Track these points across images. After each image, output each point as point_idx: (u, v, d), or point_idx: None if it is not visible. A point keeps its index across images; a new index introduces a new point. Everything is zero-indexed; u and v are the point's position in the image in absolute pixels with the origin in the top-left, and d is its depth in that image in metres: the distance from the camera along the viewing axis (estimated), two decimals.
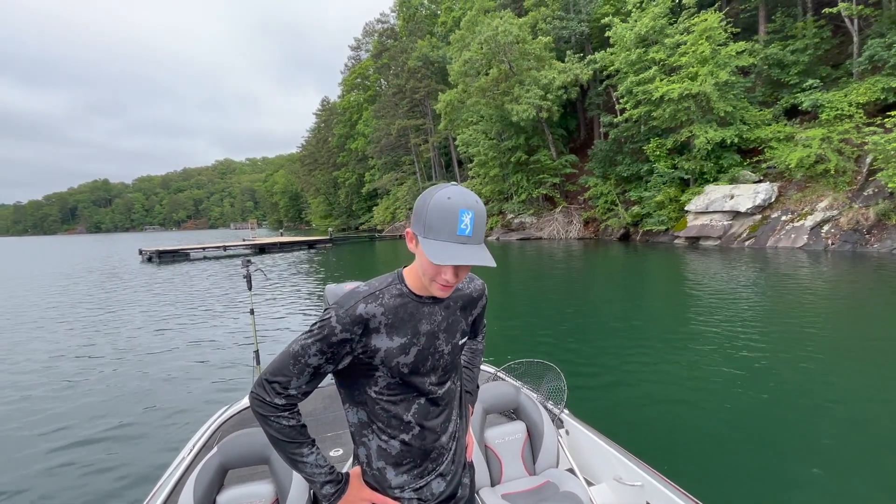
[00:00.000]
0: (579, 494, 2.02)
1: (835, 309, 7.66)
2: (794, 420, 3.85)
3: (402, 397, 1.09)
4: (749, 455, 3.33)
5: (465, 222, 0.96)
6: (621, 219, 22.91)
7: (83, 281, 17.17)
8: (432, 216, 0.97)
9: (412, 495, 1.11)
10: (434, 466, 1.14)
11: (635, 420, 4.04)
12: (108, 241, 68.91)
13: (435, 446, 1.14)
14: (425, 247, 0.96)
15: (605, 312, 8.44)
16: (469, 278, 1.25)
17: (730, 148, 19.20)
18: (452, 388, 1.19)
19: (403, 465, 1.11)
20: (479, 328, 1.44)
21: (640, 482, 2.11)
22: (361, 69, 56.07)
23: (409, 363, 1.07)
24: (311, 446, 1.08)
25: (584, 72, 24.43)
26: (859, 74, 17.45)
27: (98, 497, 3.28)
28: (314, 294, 12.05)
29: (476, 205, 0.98)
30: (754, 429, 3.73)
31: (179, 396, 5.17)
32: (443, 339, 1.13)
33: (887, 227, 14.27)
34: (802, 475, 3.06)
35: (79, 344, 7.75)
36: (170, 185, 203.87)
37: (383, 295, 1.07)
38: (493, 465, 2.27)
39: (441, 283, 1.02)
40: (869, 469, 3.11)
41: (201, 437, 2.71)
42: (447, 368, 1.15)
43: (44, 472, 3.64)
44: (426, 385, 1.10)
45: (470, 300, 1.23)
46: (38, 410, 4.92)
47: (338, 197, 61.32)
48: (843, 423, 3.75)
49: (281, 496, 1.91)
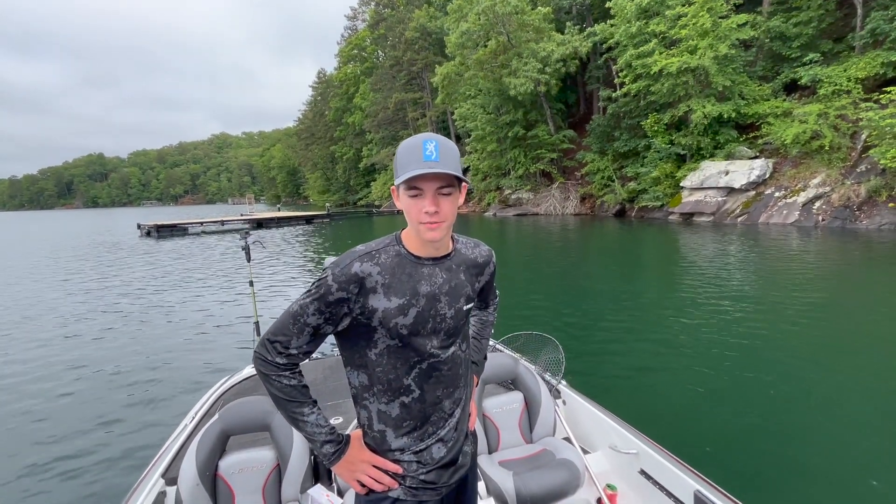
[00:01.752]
0: (575, 461, 2.07)
1: (821, 284, 7.88)
2: (782, 389, 4.00)
3: (402, 360, 1.08)
4: (737, 422, 3.51)
5: (430, 149, 0.98)
6: (617, 195, 22.98)
7: (86, 255, 17.39)
8: (400, 156, 1.01)
9: (412, 458, 1.12)
10: (434, 430, 1.13)
11: (630, 390, 4.18)
12: (106, 216, 68.79)
13: (435, 410, 1.13)
14: (399, 179, 0.99)
15: (600, 287, 8.68)
16: (474, 243, 1.25)
17: (727, 123, 19.13)
18: (458, 354, 1.17)
19: (403, 427, 1.11)
20: (488, 297, 1.42)
21: (635, 450, 2.15)
22: (358, 40, 54.68)
23: (408, 325, 1.06)
24: (312, 406, 1.09)
25: (584, 44, 24.00)
26: (861, 48, 17.21)
27: (101, 463, 3.40)
28: (313, 266, 12.30)
29: (441, 138, 1.01)
30: (743, 398, 3.89)
31: (181, 367, 5.29)
32: (445, 303, 1.11)
33: (877, 204, 14.43)
34: (790, 441, 3.21)
35: (81, 314, 8.00)
36: (166, 160, 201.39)
37: (380, 255, 1.07)
38: (490, 433, 2.32)
39: (425, 218, 1.01)
40: (852, 431, 3.33)
41: (203, 405, 2.73)
42: (450, 333, 1.14)
43: (49, 440, 3.76)
44: (427, 348, 1.09)
45: (475, 265, 1.22)
46: (45, 381, 5.11)
47: (335, 172, 60.84)
48: (828, 391, 3.95)
49: (282, 461, 1.97)
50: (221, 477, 1.91)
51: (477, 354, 1.45)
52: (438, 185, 1.00)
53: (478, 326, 1.46)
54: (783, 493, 2.69)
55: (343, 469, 1.10)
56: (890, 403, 3.68)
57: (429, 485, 1.13)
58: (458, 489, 1.25)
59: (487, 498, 1.99)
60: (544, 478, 1.98)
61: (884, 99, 14.39)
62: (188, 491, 1.82)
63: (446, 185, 1.01)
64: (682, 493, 1.88)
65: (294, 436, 1.99)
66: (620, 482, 2.18)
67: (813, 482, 2.78)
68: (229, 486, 1.90)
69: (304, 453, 1.99)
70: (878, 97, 14.65)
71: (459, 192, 1.07)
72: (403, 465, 1.11)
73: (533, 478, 1.98)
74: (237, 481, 1.92)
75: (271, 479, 1.96)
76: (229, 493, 1.90)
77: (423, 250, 1.10)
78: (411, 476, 1.12)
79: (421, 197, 1.01)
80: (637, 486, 2.12)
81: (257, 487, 1.93)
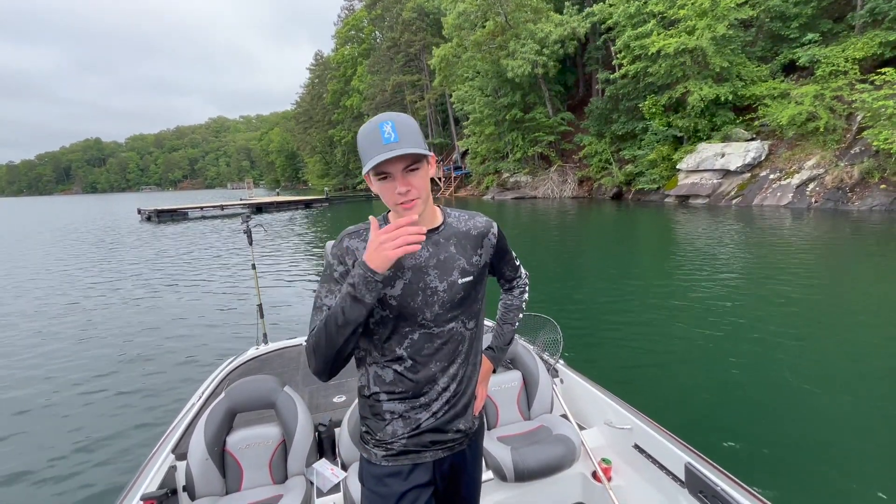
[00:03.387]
0: (571, 437, 2.14)
1: (810, 264, 8.07)
2: (772, 367, 4.15)
3: (394, 330, 1.12)
4: (727, 398, 3.68)
5: (387, 131, 1.00)
6: (615, 178, 23.06)
7: (89, 240, 17.64)
8: (361, 144, 1.03)
9: (399, 424, 1.15)
10: (427, 402, 1.15)
11: (626, 368, 4.32)
12: (106, 201, 68.75)
13: (428, 382, 1.14)
14: (365, 168, 1.01)
15: (596, 270, 8.92)
16: (469, 216, 1.25)
17: (725, 105, 19.10)
18: (459, 331, 1.17)
19: (395, 394, 1.14)
20: (504, 272, 1.38)
21: (630, 426, 2.20)
22: (355, 20, 53.79)
23: (397, 296, 1.10)
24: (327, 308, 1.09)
25: (582, 25, 23.75)
26: (860, 28, 17.09)
27: (111, 438, 3.55)
28: (313, 249, 12.55)
29: (396, 116, 1.02)
30: (733, 374, 4.06)
31: (186, 349, 5.44)
32: (434, 276, 1.13)
33: (869, 186, 14.58)
34: (780, 417, 3.36)
35: (88, 297, 8.28)
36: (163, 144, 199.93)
37: (367, 232, 1.14)
38: (489, 410, 2.41)
39: (399, 199, 1.03)
40: (835, 402, 3.52)
41: (210, 384, 2.81)
42: (448, 306, 1.14)
43: (62, 418, 3.92)
44: (418, 319, 1.12)
45: (468, 237, 1.21)
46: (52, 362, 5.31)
47: (334, 156, 60.53)
48: (814, 367, 4.14)
49: (287, 437, 2.05)
50: (229, 452, 2.00)
51: (496, 340, 1.45)
52: (404, 165, 1.02)
53: (500, 311, 1.46)
54: (772, 464, 2.83)
55: (375, 257, 0.99)
56: (880, 375, 3.90)
57: (410, 451, 1.16)
58: (453, 469, 1.25)
59: (486, 472, 2.04)
60: (541, 452, 2.06)
61: (878, 80, 14.39)
62: (198, 465, 1.91)
63: (412, 164, 1.02)
64: (673, 466, 1.94)
65: (298, 413, 2.07)
66: (615, 456, 2.25)
67: (802, 454, 2.92)
68: (237, 461, 1.99)
69: (308, 429, 2.07)
70: (874, 78, 14.65)
71: (428, 164, 1.07)
72: (388, 429, 1.15)
73: (530, 452, 2.05)
74: (245, 456, 2.01)
75: (277, 454, 2.04)
76: (237, 467, 1.99)
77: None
78: (396, 440, 1.15)
79: (390, 179, 1.03)
80: (631, 460, 2.19)
81: (264, 462, 2.02)
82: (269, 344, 3.41)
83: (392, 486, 1.15)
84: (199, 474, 1.90)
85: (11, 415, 4.07)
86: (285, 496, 1.87)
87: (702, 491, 1.73)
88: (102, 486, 3.01)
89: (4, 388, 4.63)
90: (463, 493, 1.30)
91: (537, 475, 2.03)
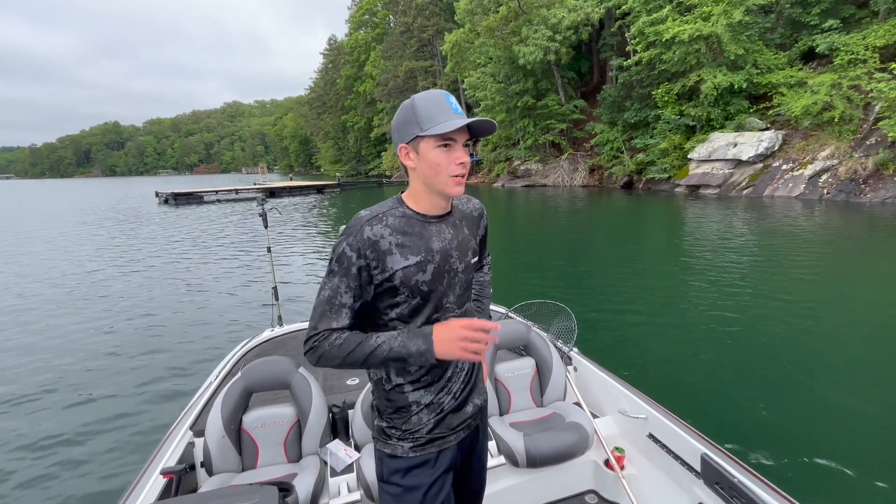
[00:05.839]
0: (584, 424, 2.13)
1: (820, 255, 8.01)
2: (786, 357, 4.11)
3: (424, 318, 1.10)
4: (743, 387, 3.66)
5: (454, 102, 1.02)
6: (626, 166, 22.94)
7: (111, 220, 18.31)
8: (424, 109, 1.00)
9: (424, 412, 1.14)
10: (447, 385, 1.15)
11: (639, 357, 4.29)
12: (125, 185, 70.15)
13: (451, 364, 1.15)
14: (434, 130, 0.98)
15: (609, 258, 8.95)
16: (466, 198, 1.25)
17: (739, 94, 18.80)
18: (470, 310, 1.22)
19: (421, 382, 1.13)
20: (483, 255, 1.40)
21: (644, 415, 2.16)
22: (369, 4, 53.47)
23: (427, 281, 1.07)
24: (372, 334, 1.04)
25: (596, 10, 23.41)
26: (884, 14, 16.60)
27: (131, 413, 3.69)
28: (327, 233, 12.93)
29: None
30: (749, 365, 4.03)
31: (203, 329, 5.55)
32: (456, 258, 1.13)
33: (883, 178, 14.38)
34: (795, 407, 3.34)
35: (110, 277, 8.73)
36: (180, 129, 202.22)
37: (386, 217, 1.07)
38: (501, 396, 2.41)
39: (457, 170, 1.02)
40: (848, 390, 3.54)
41: (226, 364, 2.82)
42: (464, 287, 1.16)
43: (83, 398, 4.04)
44: (444, 304, 1.11)
45: (472, 218, 1.24)
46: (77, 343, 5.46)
47: (347, 142, 60.79)
48: (829, 356, 4.14)
49: (302, 418, 2.08)
50: (245, 431, 2.05)
51: (480, 315, 1.47)
52: (466, 137, 1.05)
53: (476, 289, 1.44)
54: (790, 456, 2.80)
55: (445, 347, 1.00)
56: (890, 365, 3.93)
57: (437, 438, 1.16)
58: (469, 447, 1.27)
59: (498, 456, 2.06)
60: (554, 439, 2.06)
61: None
62: (215, 442, 1.97)
63: (469, 140, 1.07)
64: (689, 457, 1.90)
65: (313, 394, 2.10)
66: (629, 445, 2.22)
67: (816, 444, 2.90)
68: (253, 439, 2.05)
69: (322, 411, 2.10)
70: (893, 67, 14.32)
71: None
72: (414, 419, 1.13)
73: (542, 439, 2.05)
74: (260, 435, 2.06)
75: (292, 434, 2.09)
76: (253, 445, 2.04)
77: (427, 209, 1.11)
78: (423, 428, 1.14)
79: (452, 149, 1.02)
80: (645, 449, 2.16)
81: (279, 441, 2.07)
82: (283, 326, 3.45)
83: (420, 476, 1.14)
84: (216, 451, 1.97)
85: (35, 391, 4.21)
86: (300, 474, 1.91)
87: (718, 482, 1.70)
88: (123, 460, 3.14)
89: (30, 363, 4.83)
90: (475, 467, 1.33)
91: (549, 462, 2.03)
